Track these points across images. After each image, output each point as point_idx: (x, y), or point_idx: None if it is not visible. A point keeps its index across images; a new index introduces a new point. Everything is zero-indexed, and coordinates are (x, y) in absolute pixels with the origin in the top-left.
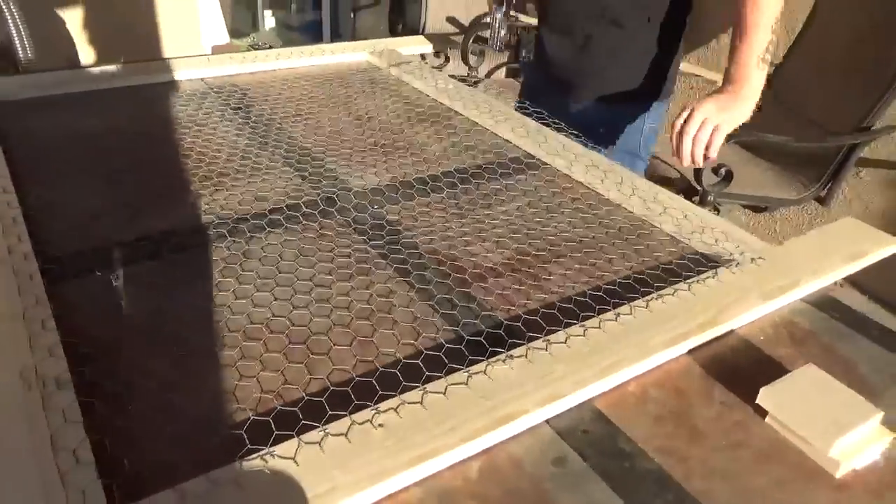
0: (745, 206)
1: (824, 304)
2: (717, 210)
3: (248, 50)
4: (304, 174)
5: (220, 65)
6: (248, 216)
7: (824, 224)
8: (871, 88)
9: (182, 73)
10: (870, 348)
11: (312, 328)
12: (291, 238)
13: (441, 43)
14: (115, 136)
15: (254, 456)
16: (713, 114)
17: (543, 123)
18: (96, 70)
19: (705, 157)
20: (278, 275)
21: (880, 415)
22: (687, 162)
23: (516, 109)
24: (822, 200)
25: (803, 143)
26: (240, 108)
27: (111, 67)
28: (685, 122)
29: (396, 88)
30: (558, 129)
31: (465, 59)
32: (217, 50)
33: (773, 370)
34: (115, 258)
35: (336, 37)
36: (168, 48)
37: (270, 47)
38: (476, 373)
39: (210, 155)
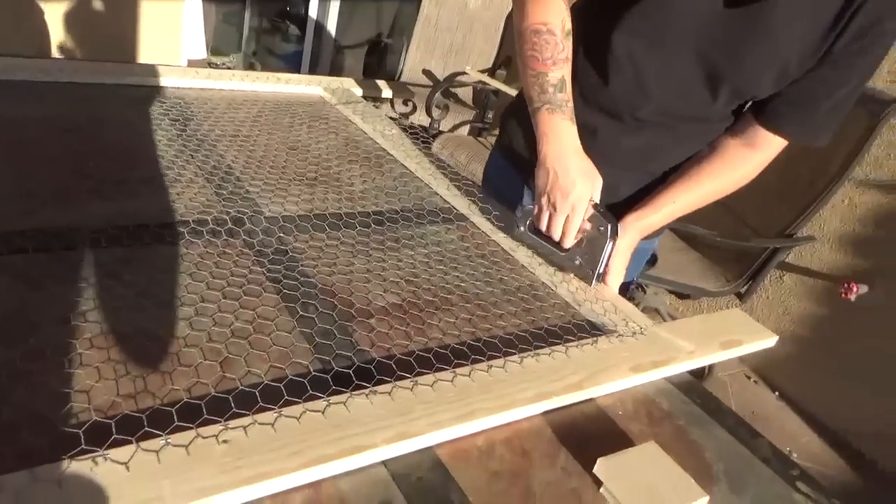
0: (669, 291)
1: (688, 388)
2: (643, 290)
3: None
4: (222, 193)
5: (170, 76)
6: (150, 224)
7: None
8: (800, 198)
9: (131, 78)
10: (720, 436)
11: (187, 340)
12: (190, 252)
13: (407, 92)
14: (42, 127)
15: (85, 457)
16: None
17: None
18: (46, 62)
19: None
20: (164, 285)
21: (705, 499)
22: None
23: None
24: (741, 296)
25: (728, 240)
26: (178, 121)
27: (62, 62)
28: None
29: (341, 126)
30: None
31: (428, 111)
32: (192, 64)
33: (622, 444)
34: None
35: (314, 70)
36: (146, 56)
37: (230, 68)
38: (335, 403)
39: (133, 160)
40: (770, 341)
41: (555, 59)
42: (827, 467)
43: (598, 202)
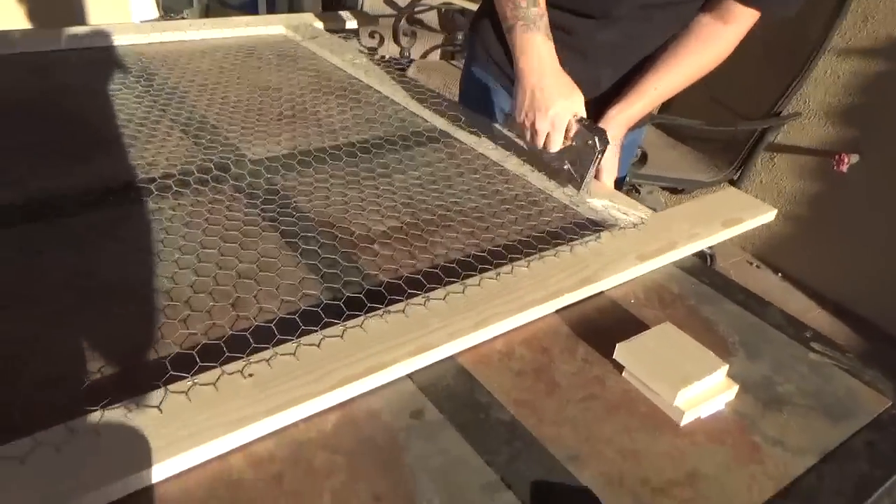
0: (663, 188)
1: (696, 270)
2: (637, 191)
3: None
4: (201, 143)
5: (123, 34)
6: (135, 182)
7: None
8: (782, 76)
9: (85, 41)
10: (732, 310)
11: (195, 287)
12: (182, 203)
13: (371, 20)
14: (4, 99)
15: (117, 405)
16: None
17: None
18: None
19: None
20: (162, 238)
21: (725, 367)
22: None
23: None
24: (734, 183)
25: (715, 127)
26: (141, 77)
27: (12, 32)
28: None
29: (309, 62)
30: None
31: (395, 40)
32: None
33: (637, 330)
34: None
35: (272, 13)
36: (95, 20)
37: (184, 18)
38: (352, 327)
39: (101, 122)
40: (770, 215)
41: None
42: (834, 337)
43: (584, 116)
